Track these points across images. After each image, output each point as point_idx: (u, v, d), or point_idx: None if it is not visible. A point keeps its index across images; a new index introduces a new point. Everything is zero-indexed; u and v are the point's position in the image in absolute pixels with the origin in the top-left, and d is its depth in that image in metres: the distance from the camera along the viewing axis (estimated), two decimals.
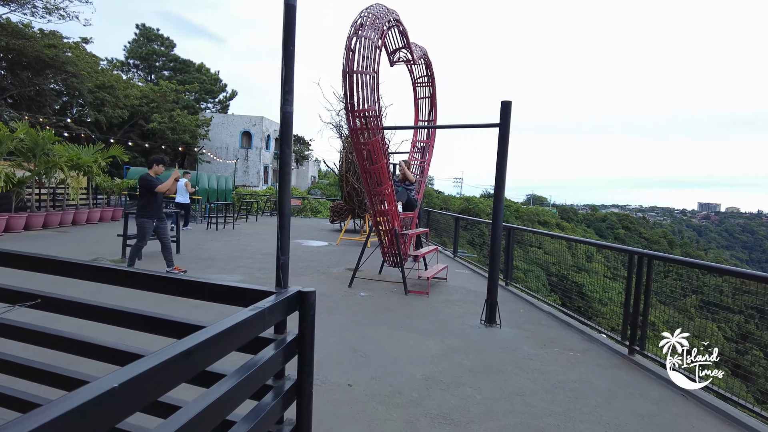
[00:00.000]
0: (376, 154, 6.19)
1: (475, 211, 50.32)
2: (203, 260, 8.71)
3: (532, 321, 5.89)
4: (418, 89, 8.98)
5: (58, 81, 23.76)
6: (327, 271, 8.33)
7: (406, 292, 6.81)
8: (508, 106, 5.38)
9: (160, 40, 39.23)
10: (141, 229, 6.83)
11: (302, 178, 58.90)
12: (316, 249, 11.22)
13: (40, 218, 11.80)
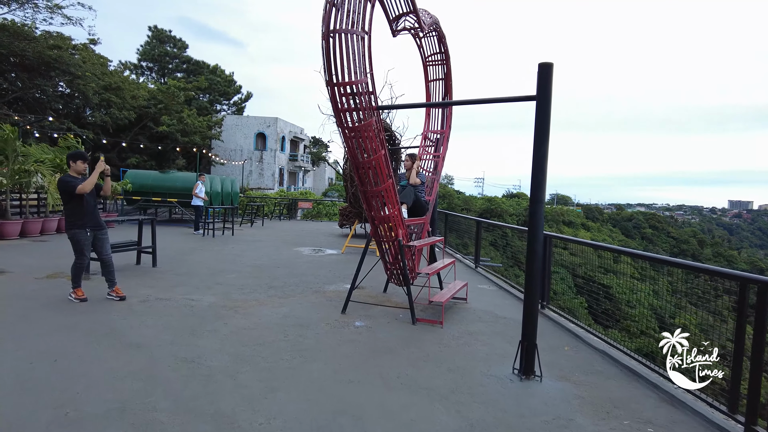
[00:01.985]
0: (371, 142, 4.72)
1: (498, 212, 48.40)
2: (178, 276, 7.38)
3: (582, 366, 4.33)
4: (430, 69, 7.48)
5: (61, 82, 23.00)
6: (321, 289, 6.89)
7: (414, 322, 5.32)
8: (549, 70, 3.85)
9: (172, 42, 38.58)
10: (75, 243, 5.52)
11: (319, 180, 57.84)
12: (317, 259, 9.81)
13: (16, 226, 10.69)
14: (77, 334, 4.41)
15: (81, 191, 5.32)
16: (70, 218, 5.44)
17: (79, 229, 5.43)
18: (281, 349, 4.29)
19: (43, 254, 8.83)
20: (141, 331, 4.57)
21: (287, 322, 5.14)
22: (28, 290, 6.02)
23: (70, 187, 5.32)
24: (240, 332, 4.70)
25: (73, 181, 5.38)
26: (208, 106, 38.27)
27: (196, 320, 5.04)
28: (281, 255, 10.11)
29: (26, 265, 7.69)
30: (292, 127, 45.08)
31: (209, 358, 3.98)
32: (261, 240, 12.78)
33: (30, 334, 4.36)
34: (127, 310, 5.28)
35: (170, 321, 4.96)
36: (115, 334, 4.48)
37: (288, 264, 8.99)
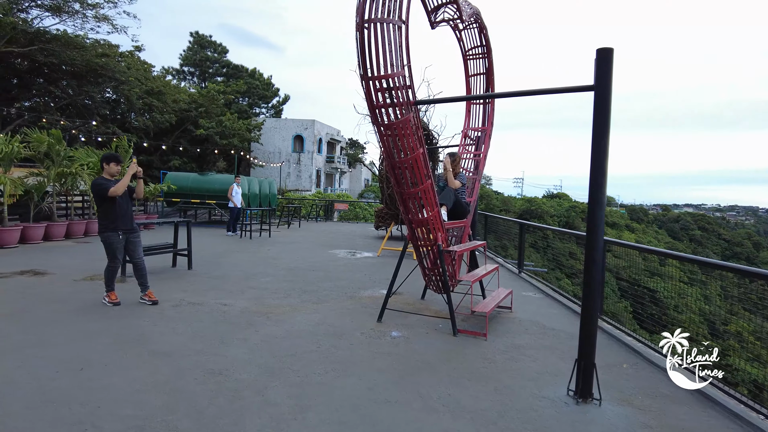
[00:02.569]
0: (408, 140, 4.38)
1: (538, 213, 47.07)
2: (212, 279, 7.27)
3: (645, 388, 3.85)
4: (470, 63, 7.09)
5: (108, 88, 23.80)
6: (356, 295, 6.61)
7: (455, 333, 4.95)
8: (608, 56, 3.42)
9: (213, 47, 39.49)
10: (107, 246, 5.44)
11: (356, 181, 57.93)
12: (352, 262, 9.56)
13: (61, 228, 10.96)
14: (106, 340, 4.29)
15: (114, 193, 5.24)
16: (103, 221, 5.37)
17: (111, 231, 5.36)
18: (313, 361, 4.02)
19: (84, 256, 8.95)
20: (170, 339, 4.41)
21: (320, 331, 4.87)
22: (64, 293, 6.02)
23: (103, 189, 5.25)
24: (271, 341, 4.47)
25: (106, 183, 5.31)
26: (248, 110, 38.94)
27: (226, 327, 4.85)
28: (317, 258, 9.92)
29: (67, 266, 7.77)
30: (329, 129, 45.30)
31: (238, 370, 3.74)
32: (297, 242, 12.67)
33: (59, 340, 4.27)
34: (158, 315, 5.15)
35: (200, 327, 4.79)
36: (144, 340, 4.33)
37: (323, 267, 8.77)
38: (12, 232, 9.60)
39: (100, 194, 5.26)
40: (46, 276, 7.00)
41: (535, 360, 4.38)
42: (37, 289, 6.15)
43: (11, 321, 4.76)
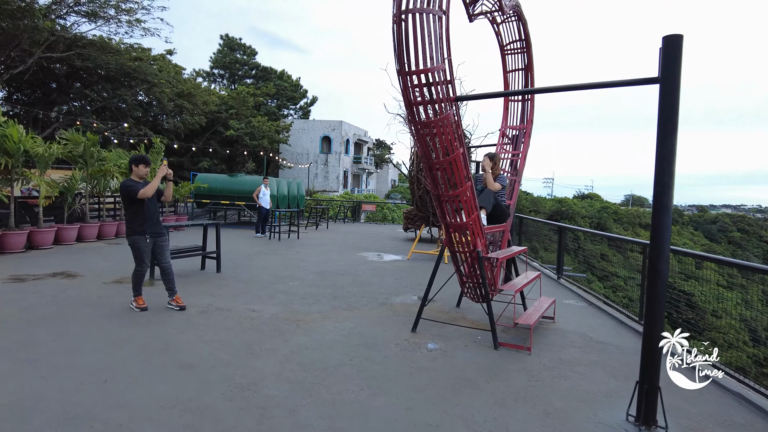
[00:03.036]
0: (447, 139, 4.08)
1: (569, 214, 45.92)
2: (241, 282, 7.13)
3: (715, 414, 3.46)
4: (508, 58, 6.74)
5: (140, 91, 24.25)
6: (388, 302, 6.34)
7: (496, 346, 4.62)
8: (677, 45, 3.05)
9: (242, 49, 39.95)
10: (135, 250, 5.32)
11: (382, 182, 57.79)
12: (382, 266, 9.30)
13: (93, 229, 11.08)
14: (132, 350, 4.14)
15: (142, 196, 5.12)
16: (131, 224, 5.25)
17: (139, 235, 5.24)
18: (346, 376, 3.77)
19: (115, 257, 8.97)
20: (197, 348, 4.23)
21: (352, 341, 4.62)
22: (93, 296, 5.95)
23: (131, 191, 5.14)
24: (301, 352, 4.24)
25: (135, 185, 5.20)
26: (276, 111, 39.23)
27: (255, 335, 4.65)
28: (345, 260, 9.70)
29: (97, 268, 7.77)
30: (356, 130, 45.26)
31: (267, 384, 3.52)
32: (325, 244, 12.50)
33: (86, 348, 4.14)
34: (185, 323, 5.00)
35: (228, 336, 4.60)
36: (170, 350, 4.16)
37: (352, 271, 8.54)
38: (47, 233, 9.72)
39: (128, 196, 5.15)
40: (77, 278, 6.98)
41: (585, 378, 4.01)
42: (69, 292, 6.11)
43: (43, 326, 4.68)
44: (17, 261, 8.21)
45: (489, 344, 4.72)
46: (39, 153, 9.27)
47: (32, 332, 4.49)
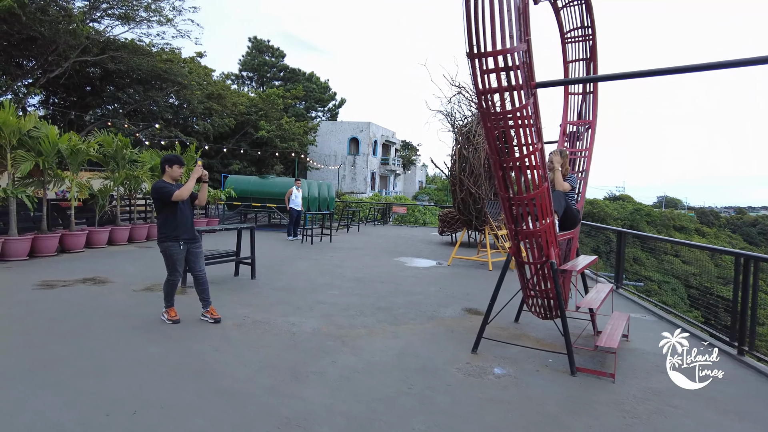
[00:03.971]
0: (525, 133, 3.50)
1: (601, 215, 44.43)
2: (277, 291, 6.68)
3: None
4: (569, 47, 6.10)
5: (171, 93, 24.34)
6: (436, 315, 5.78)
7: (573, 372, 4.01)
8: None
9: (270, 51, 40.01)
10: (167, 257, 4.91)
11: (409, 184, 57.19)
12: (422, 272, 8.74)
13: (124, 232, 10.86)
14: (164, 371, 3.69)
15: (177, 198, 4.71)
16: (163, 229, 4.83)
17: (172, 241, 4.82)
18: (407, 409, 3.23)
19: (145, 262, 8.67)
20: (235, 371, 3.75)
21: (407, 364, 4.08)
22: (123, 305, 5.58)
23: (165, 193, 4.72)
24: (352, 377, 3.72)
25: (168, 187, 4.79)
26: (304, 113, 39.12)
27: (298, 355, 4.16)
28: (383, 266, 9.18)
29: (128, 274, 7.45)
30: (383, 131, 44.82)
31: (318, 420, 3.01)
32: (359, 248, 12.01)
33: (115, 367, 3.72)
34: (221, 338, 4.54)
35: (269, 355, 4.12)
36: (206, 373, 3.70)
37: (391, 278, 8.01)
38: (78, 236, 9.51)
39: (161, 199, 4.74)
40: (106, 285, 6.65)
41: (688, 415, 3.37)
42: (97, 300, 5.75)
43: (70, 341, 4.30)
44: (49, 265, 7.98)
45: (563, 368, 4.11)
46: (70, 150, 9.05)
47: (57, 348, 4.10)
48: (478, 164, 8.82)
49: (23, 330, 4.54)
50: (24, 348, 4.06)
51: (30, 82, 20.56)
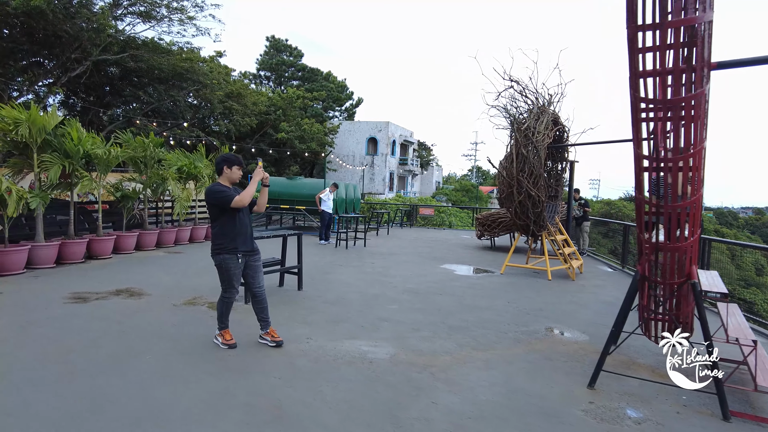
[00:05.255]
0: (695, 127, 2.79)
1: (619, 217, 43.32)
2: (330, 304, 6.01)
3: None
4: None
5: (191, 92, 23.92)
6: (521, 337, 5.06)
7: (727, 416, 3.27)
8: None
9: (288, 51, 39.51)
10: (223, 272, 4.25)
11: (426, 184, 56.42)
12: (477, 283, 8.02)
13: (152, 237, 10.28)
14: (236, 416, 3.02)
15: (238, 205, 4.06)
16: (219, 240, 4.18)
17: (229, 254, 4.16)
18: None
19: (179, 269, 8.06)
20: (321, 416, 3.08)
21: (520, 405, 3.37)
22: (165, 324, 4.94)
23: (224, 199, 4.07)
24: (466, 426, 3.03)
25: (227, 191, 4.12)
26: (322, 113, 38.56)
27: (387, 392, 3.47)
28: (431, 275, 8.48)
29: (163, 285, 6.83)
30: (402, 131, 44.11)
31: None
32: (396, 253, 11.31)
33: (175, 413, 3.06)
34: (289, 368, 3.87)
35: (353, 392, 3.45)
36: (287, 419, 3.02)
37: (448, 289, 7.30)
38: (106, 242, 8.94)
39: (219, 205, 4.09)
40: (143, 298, 6.04)
41: None
42: (137, 318, 5.13)
43: (114, 371, 3.66)
44: (77, 274, 7.40)
45: (707, 410, 3.39)
46: (99, 155, 8.49)
47: (101, 381, 3.46)
48: (538, 164, 8.08)
49: (61, 356, 3.92)
50: (66, 382, 3.43)
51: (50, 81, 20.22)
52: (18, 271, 7.19)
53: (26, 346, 4.12)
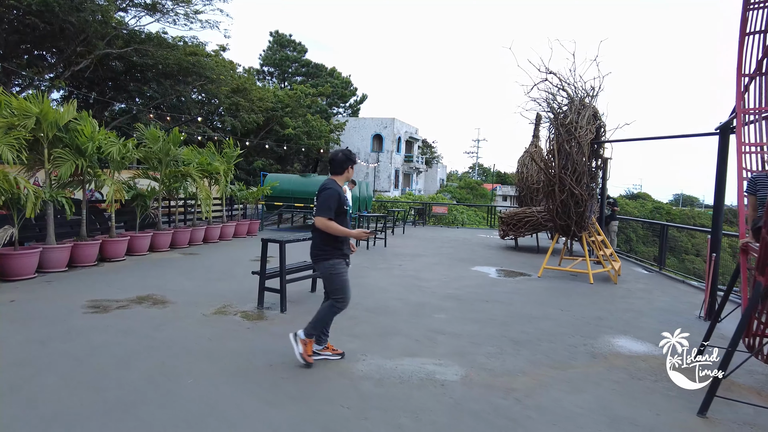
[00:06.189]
0: None
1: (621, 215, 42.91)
2: (373, 314, 5.53)
3: None
4: (753, 14, 4.85)
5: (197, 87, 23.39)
6: (596, 352, 4.57)
7: None
8: None
9: (292, 46, 38.93)
10: (336, 279, 3.83)
11: (430, 181, 55.92)
12: (517, 287, 7.54)
13: (166, 237, 9.77)
14: None
15: None
16: (329, 244, 3.77)
17: (340, 258, 3.81)
18: None
19: (199, 273, 7.57)
20: None
21: None
22: (200, 339, 4.44)
23: (342, 201, 3.77)
24: None
25: (343, 193, 3.81)
26: (327, 109, 38.00)
27: (479, 427, 2.99)
28: (466, 279, 8.00)
29: (186, 290, 6.34)
30: (407, 128, 43.56)
31: None
32: (420, 254, 10.83)
33: None
34: (353, 393, 3.38)
35: (438, 425, 2.96)
36: None
37: (491, 295, 6.82)
38: (120, 243, 8.43)
39: (338, 208, 3.73)
40: (167, 306, 5.54)
41: None
42: (166, 331, 4.63)
43: (152, 396, 3.16)
44: (92, 278, 6.91)
45: None
46: (113, 154, 7.96)
47: (143, 414, 2.96)
48: (581, 161, 7.58)
49: (91, 380, 3.42)
50: (102, 416, 2.93)
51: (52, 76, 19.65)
52: (29, 276, 6.70)
53: (50, 369, 3.62)
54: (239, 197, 12.86)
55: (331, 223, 3.67)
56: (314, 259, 3.86)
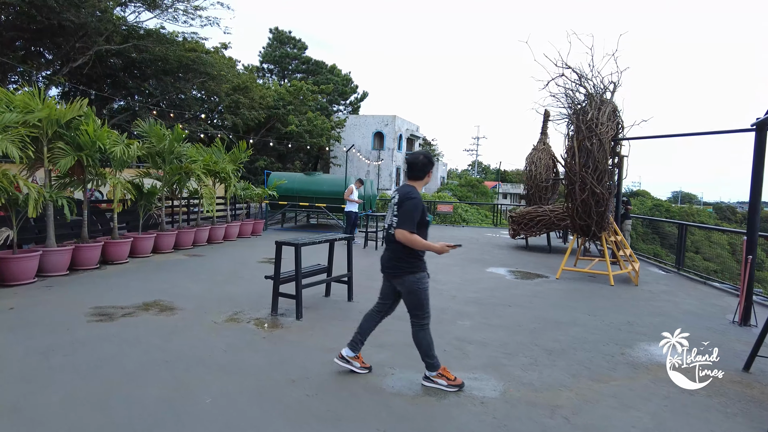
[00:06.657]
0: None
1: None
2: (396, 319, 5.21)
3: None
4: None
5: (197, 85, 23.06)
6: (634, 361, 4.29)
7: None
8: None
9: (292, 43, 38.57)
10: (420, 296, 3.50)
11: (431, 180, 55.61)
12: (537, 290, 7.26)
13: (170, 238, 9.47)
14: None
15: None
16: (415, 256, 3.45)
17: (425, 272, 3.52)
18: None
19: (206, 276, 7.28)
20: None
21: None
22: (215, 350, 4.15)
23: (424, 212, 3.43)
24: None
25: (423, 203, 3.44)
26: (327, 107, 37.63)
27: None
28: (484, 281, 7.73)
29: (194, 295, 6.05)
30: (408, 125, 43.23)
31: None
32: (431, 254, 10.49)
33: None
34: (387, 413, 3.10)
35: None
36: None
37: (512, 299, 6.54)
38: (122, 245, 8.13)
39: (421, 220, 3.39)
40: (176, 313, 5.25)
41: None
42: (175, 342, 4.34)
43: (169, 422, 2.87)
44: (95, 283, 6.62)
45: None
46: (116, 153, 7.64)
47: None
48: (603, 159, 7.31)
49: (99, 399, 3.13)
50: None
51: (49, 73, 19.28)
52: (28, 280, 6.40)
53: (54, 385, 3.33)
54: (244, 196, 12.55)
55: (413, 237, 3.31)
56: (395, 272, 3.48)
